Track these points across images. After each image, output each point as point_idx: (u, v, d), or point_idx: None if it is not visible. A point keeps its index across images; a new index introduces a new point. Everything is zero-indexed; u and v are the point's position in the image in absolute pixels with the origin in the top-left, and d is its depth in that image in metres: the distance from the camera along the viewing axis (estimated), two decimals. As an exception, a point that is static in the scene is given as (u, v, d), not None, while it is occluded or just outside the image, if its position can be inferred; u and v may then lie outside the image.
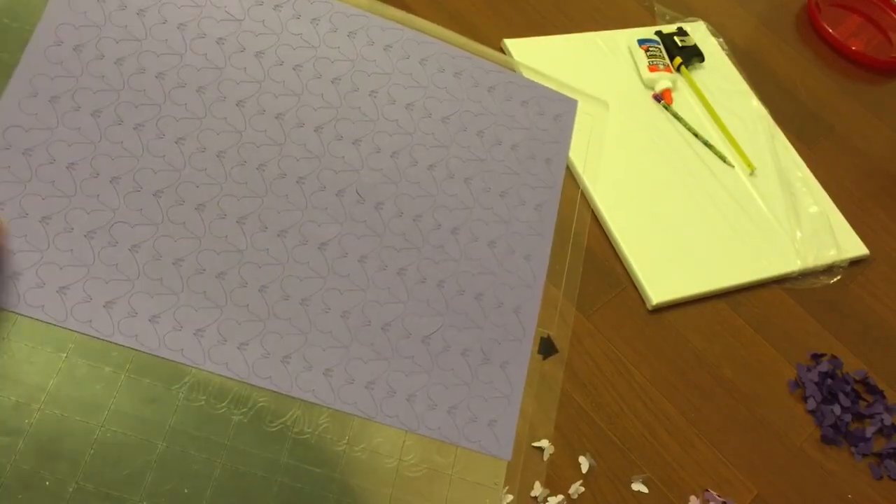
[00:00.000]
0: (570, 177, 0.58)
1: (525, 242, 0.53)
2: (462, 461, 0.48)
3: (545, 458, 0.66)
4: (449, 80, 0.55)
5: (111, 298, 0.43)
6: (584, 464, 0.67)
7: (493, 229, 0.52)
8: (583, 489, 0.66)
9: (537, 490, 0.64)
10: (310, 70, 0.51)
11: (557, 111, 0.57)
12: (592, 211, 0.84)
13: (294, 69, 0.51)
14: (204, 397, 0.45)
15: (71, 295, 0.42)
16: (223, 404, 0.45)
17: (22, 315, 0.42)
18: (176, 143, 0.47)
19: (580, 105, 0.59)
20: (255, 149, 0.48)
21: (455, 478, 0.47)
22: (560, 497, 0.65)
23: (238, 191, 0.47)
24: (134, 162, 0.46)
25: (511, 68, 0.58)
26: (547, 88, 0.58)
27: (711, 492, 0.69)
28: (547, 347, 0.53)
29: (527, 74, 0.58)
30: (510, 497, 0.61)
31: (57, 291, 0.42)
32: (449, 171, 0.52)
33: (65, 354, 0.45)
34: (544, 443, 0.66)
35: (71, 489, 0.42)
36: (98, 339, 0.42)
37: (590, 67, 0.96)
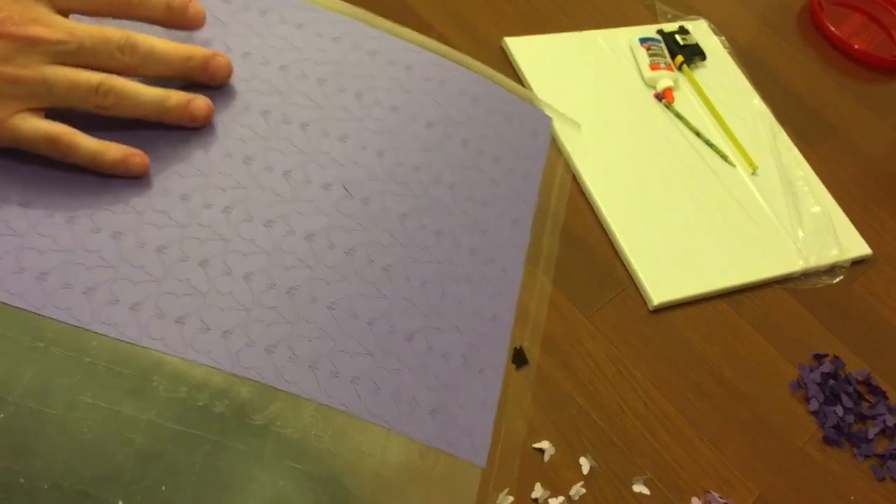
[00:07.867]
0: (544, 194, 0.57)
1: (503, 254, 0.52)
2: (442, 465, 0.47)
3: (545, 460, 0.66)
4: (434, 88, 0.55)
5: (92, 285, 0.41)
6: (585, 465, 0.67)
7: (474, 237, 0.51)
8: (584, 490, 0.65)
9: (538, 492, 0.64)
10: (295, 70, 0.51)
11: (534, 127, 0.57)
12: (593, 211, 0.84)
13: (280, 69, 0.51)
14: (185, 388, 0.42)
15: (51, 281, 0.41)
16: (204, 396, 0.42)
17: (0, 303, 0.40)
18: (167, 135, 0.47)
19: (554, 122, 0.59)
20: (241, 143, 0.48)
21: (434, 480, 0.46)
22: (561, 498, 0.64)
23: (223, 182, 0.46)
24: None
25: (493, 79, 0.58)
26: (525, 103, 0.58)
27: (713, 493, 0.68)
28: (519, 358, 0.52)
29: (508, 86, 0.58)
30: (510, 499, 0.61)
31: (37, 278, 0.41)
32: (433, 176, 0.52)
33: (42, 344, 0.41)
34: (545, 444, 0.66)
35: (46, 487, 0.39)
36: (77, 327, 0.40)
37: (591, 66, 0.96)
